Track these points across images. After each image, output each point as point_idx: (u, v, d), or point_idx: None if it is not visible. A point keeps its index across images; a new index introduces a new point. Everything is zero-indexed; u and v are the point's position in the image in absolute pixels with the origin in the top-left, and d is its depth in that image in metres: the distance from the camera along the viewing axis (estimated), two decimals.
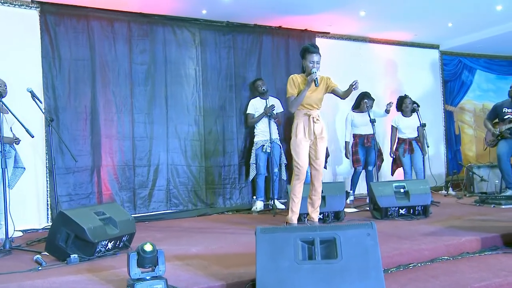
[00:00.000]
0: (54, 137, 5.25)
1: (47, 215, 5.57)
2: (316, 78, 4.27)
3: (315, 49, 4.41)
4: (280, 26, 7.08)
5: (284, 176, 6.65)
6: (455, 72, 8.91)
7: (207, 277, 2.96)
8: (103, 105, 5.93)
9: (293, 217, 4.47)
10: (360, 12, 6.67)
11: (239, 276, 2.92)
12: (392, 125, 6.95)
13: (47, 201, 5.58)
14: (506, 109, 6.55)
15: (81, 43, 5.83)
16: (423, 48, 8.57)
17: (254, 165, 6.49)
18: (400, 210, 5.07)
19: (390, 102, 6.29)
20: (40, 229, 5.36)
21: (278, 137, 6.48)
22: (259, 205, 6.39)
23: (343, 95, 4.46)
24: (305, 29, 7.28)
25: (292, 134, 4.52)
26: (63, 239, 3.60)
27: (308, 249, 2.59)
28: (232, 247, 3.98)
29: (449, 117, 8.85)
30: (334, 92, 4.51)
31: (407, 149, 6.73)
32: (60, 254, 3.61)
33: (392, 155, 6.91)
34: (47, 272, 3.31)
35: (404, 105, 6.82)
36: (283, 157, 6.58)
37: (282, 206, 6.35)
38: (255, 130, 6.56)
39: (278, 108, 6.50)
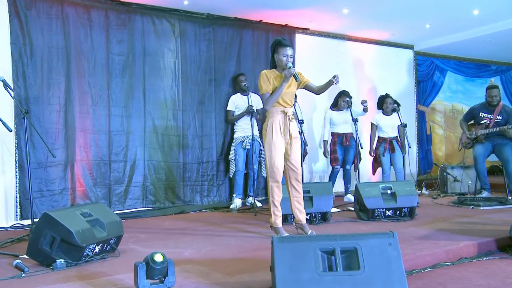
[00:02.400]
0: (27, 130, 4.87)
1: (16, 212, 5.22)
2: (295, 72, 4.11)
3: (287, 43, 4.26)
4: (260, 21, 6.92)
5: (264, 173, 6.50)
6: (428, 72, 9.05)
7: (213, 286, 2.79)
8: (78, 97, 5.61)
9: (277, 220, 4.30)
10: (343, 10, 6.61)
11: (247, 285, 2.77)
12: (372, 123, 6.92)
13: (16, 197, 5.22)
14: (483, 113, 6.59)
15: (55, 30, 5.47)
16: (399, 48, 8.65)
17: (234, 161, 6.34)
18: (387, 211, 5.04)
19: (364, 100, 6.22)
20: (8, 227, 5.04)
21: (259, 134, 6.34)
22: (238, 203, 6.25)
23: (318, 90, 4.33)
24: (285, 25, 7.16)
25: (267, 133, 4.22)
26: (48, 243, 3.31)
27: (328, 260, 2.46)
28: (225, 251, 3.81)
29: (421, 117, 8.98)
30: (307, 87, 4.36)
31: (387, 148, 6.73)
32: (44, 258, 3.33)
33: (372, 153, 6.90)
34: (33, 279, 3.04)
35: (385, 104, 6.82)
36: (263, 154, 6.42)
37: (260, 204, 6.25)
38: (235, 126, 6.44)
39: (259, 105, 6.31)
